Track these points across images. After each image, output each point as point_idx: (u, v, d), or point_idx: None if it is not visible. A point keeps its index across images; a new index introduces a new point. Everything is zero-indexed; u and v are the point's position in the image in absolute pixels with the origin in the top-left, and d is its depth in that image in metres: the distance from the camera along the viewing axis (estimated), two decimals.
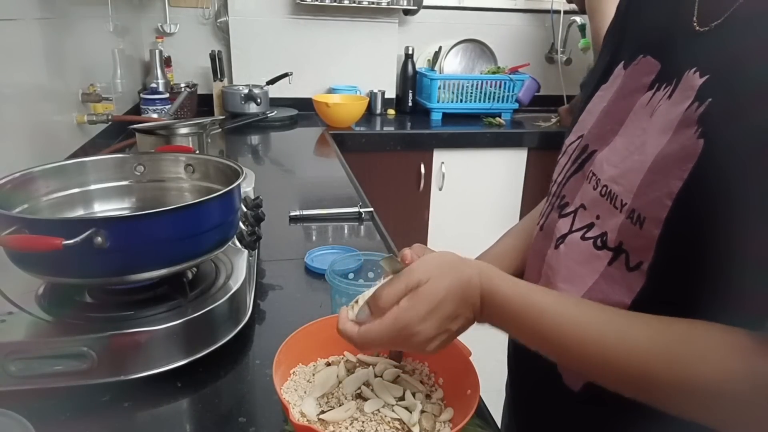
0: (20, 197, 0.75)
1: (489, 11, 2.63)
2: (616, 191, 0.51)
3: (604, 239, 0.52)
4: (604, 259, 0.52)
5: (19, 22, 1.14)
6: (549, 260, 0.60)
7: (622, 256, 0.50)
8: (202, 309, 0.70)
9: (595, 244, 0.53)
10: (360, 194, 1.45)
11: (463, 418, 0.55)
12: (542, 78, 2.58)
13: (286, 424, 0.61)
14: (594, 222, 0.54)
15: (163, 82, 2.13)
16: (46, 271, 0.67)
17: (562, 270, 0.57)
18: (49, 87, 1.31)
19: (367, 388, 0.61)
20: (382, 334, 0.51)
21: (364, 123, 2.33)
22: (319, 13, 2.38)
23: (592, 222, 0.55)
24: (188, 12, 2.36)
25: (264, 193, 1.10)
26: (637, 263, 0.49)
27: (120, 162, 0.89)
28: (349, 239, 1.18)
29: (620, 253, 0.50)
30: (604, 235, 0.52)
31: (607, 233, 0.52)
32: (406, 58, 2.49)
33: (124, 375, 0.65)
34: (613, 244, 0.51)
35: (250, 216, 0.96)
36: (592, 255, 0.53)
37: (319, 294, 0.91)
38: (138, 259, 0.67)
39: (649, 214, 0.47)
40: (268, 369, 0.60)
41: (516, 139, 2.28)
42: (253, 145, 2.06)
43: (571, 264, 0.56)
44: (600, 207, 0.54)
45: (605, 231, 0.52)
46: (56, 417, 0.62)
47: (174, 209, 0.68)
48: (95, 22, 1.74)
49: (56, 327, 0.67)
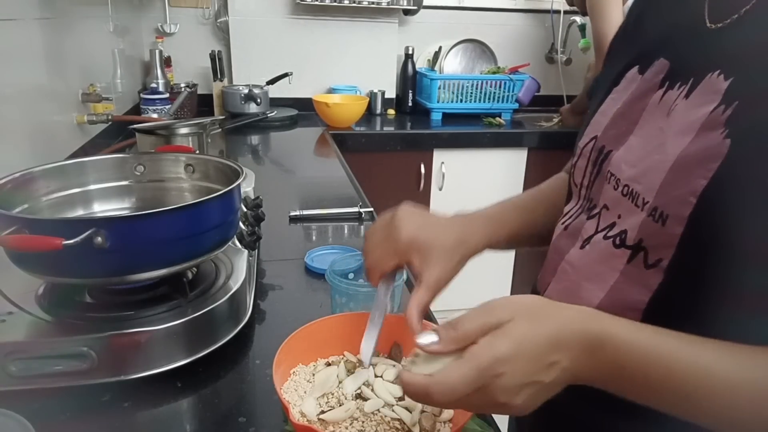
0: (20, 197, 0.75)
1: (489, 11, 2.63)
2: (638, 190, 0.51)
3: (622, 237, 0.52)
4: (623, 257, 0.51)
5: (19, 22, 1.14)
6: (571, 259, 0.60)
7: (640, 254, 0.50)
8: (202, 309, 0.70)
9: (614, 242, 0.53)
10: (360, 194, 1.45)
11: (463, 418, 0.55)
12: (542, 78, 2.59)
13: (286, 424, 0.61)
14: (615, 221, 0.54)
15: (163, 82, 2.13)
16: (46, 271, 0.67)
17: (585, 269, 0.57)
18: (49, 87, 1.31)
19: (367, 388, 0.61)
20: (463, 378, 0.42)
21: (364, 123, 2.33)
22: (319, 13, 2.38)
23: (614, 222, 0.54)
24: (188, 12, 2.36)
25: (264, 193, 1.10)
26: (656, 260, 0.48)
27: (120, 162, 0.89)
28: (349, 239, 1.18)
29: (638, 251, 0.50)
30: (623, 234, 0.52)
31: (627, 231, 0.51)
32: (406, 58, 2.49)
33: (124, 375, 0.65)
34: (631, 242, 0.51)
35: (250, 216, 0.96)
36: (611, 254, 0.53)
37: (319, 294, 0.91)
38: (138, 259, 0.67)
39: (673, 211, 0.46)
40: (268, 369, 0.60)
41: (516, 139, 2.28)
42: (253, 145, 2.06)
43: (593, 263, 0.56)
44: (621, 206, 0.53)
45: (624, 229, 0.52)
46: (56, 417, 0.62)
47: (174, 209, 0.68)
48: (95, 22, 1.74)
49: (56, 327, 0.67)
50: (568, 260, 0.61)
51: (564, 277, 0.61)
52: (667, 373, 0.43)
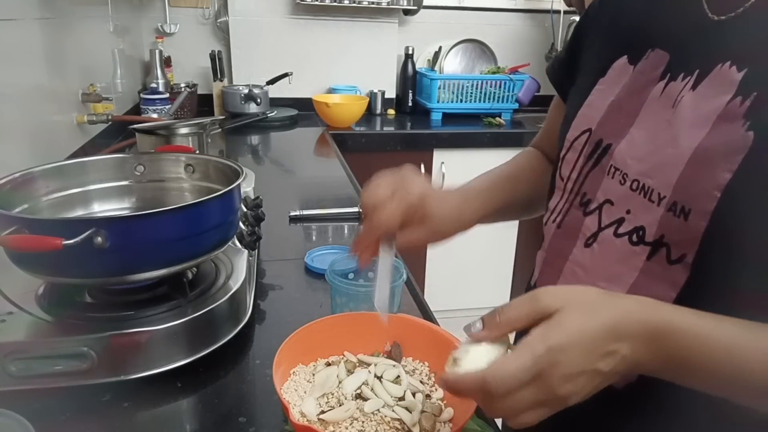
0: (20, 197, 0.75)
1: (489, 11, 2.63)
2: (651, 185, 0.51)
3: (640, 234, 0.51)
4: (642, 254, 0.51)
5: (19, 22, 1.14)
6: (578, 259, 0.59)
7: (662, 249, 0.49)
8: (202, 309, 0.70)
9: (630, 239, 0.52)
10: (360, 194, 1.45)
11: (463, 418, 0.55)
12: (542, 78, 2.58)
13: (286, 424, 0.61)
14: (624, 217, 0.53)
15: (163, 82, 2.13)
16: (46, 271, 0.67)
17: (599, 269, 0.57)
18: (49, 87, 1.31)
19: (367, 388, 0.61)
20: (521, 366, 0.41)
21: (364, 123, 2.33)
22: (319, 13, 2.38)
23: (622, 217, 0.54)
24: (188, 12, 2.36)
25: (264, 193, 1.10)
26: (680, 256, 0.48)
27: (120, 162, 0.89)
28: (349, 239, 1.18)
29: (660, 247, 0.50)
30: (640, 230, 0.51)
31: (645, 227, 0.51)
32: (406, 58, 2.49)
33: (124, 375, 0.65)
34: (651, 238, 0.50)
35: (250, 216, 0.96)
36: (629, 251, 0.52)
37: (319, 294, 0.91)
38: (138, 259, 0.67)
39: (695, 206, 0.46)
40: (268, 369, 0.60)
41: (516, 139, 2.27)
42: (253, 145, 2.06)
43: (609, 263, 0.55)
44: (631, 202, 0.53)
45: (641, 225, 0.51)
46: (56, 417, 0.61)
47: (174, 209, 0.68)
48: (95, 22, 1.74)
49: (56, 327, 0.67)
50: (574, 261, 0.60)
51: (574, 279, 0.60)
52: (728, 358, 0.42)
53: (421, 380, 0.65)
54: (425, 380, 0.65)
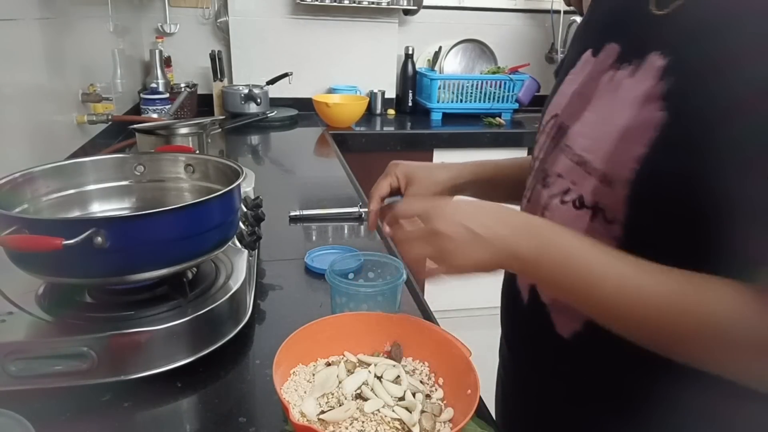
0: (20, 197, 0.75)
1: (489, 11, 2.63)
2: (588, 158, 0.58)
3: (582, 200, 0.58)
4: (585, 216, 0.57)
5: (19, 22, 1.14)
6: None
7: (600, 212, 0.56)
8: (202, 309, 0.70)
9: (574, 205, 0.59)
10: (360, 194, 1.45)
11: (463, 418, 0.55)
12: (542, 78, 2.58)
13: (286, 424, 0.61)
14: (570, 187, 0.60)
15: (163, 82, 2.13)
16: (46, 271, 0.67)
17: None
18: (49, 87, 1.31)
19: (367, 388, 0.61)
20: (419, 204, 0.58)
21: (364, 123, 2.33)
22: (319, 13, 2.38)
23: (568, 188, 0.61)
24: (188, 12, 2.36)
25: (264, 193, 1.10)
26: (613, 217, 0.55)
27: (120, 162, 0.89)
28: (349, 239, 1.18)
29: (598, 211, 0.56)
30: (581, 198, 0.58)
31: (584, 195, 0.58)
32: (406, 58, 2.49)
33: (124, 375, 0.65)
34: (589, 204, 0.57)
35: (250, 216, 0.96)
36: (575, 215, 0.59)
37: (319, 294, 0.91)
38: (138, 259, 0.67)
39: (619, 176, 0.53)
40: (268, 369, 0.60)
41: (516, 139, 2.28)
42: (253, 145, 2.06)
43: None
44: (574, 174, 0.60)
45: (581, 194, 0.58)
46: (56, 417, 0.61)
47: (174, 209, 0.68)
48: (95, 22, 1.74)
49: (56, 327, 0.67)
50: None
51: None
52: (618, 286, 0.49)
53: (421, 380, 0.65)
54: (425, 380, 0.65)
